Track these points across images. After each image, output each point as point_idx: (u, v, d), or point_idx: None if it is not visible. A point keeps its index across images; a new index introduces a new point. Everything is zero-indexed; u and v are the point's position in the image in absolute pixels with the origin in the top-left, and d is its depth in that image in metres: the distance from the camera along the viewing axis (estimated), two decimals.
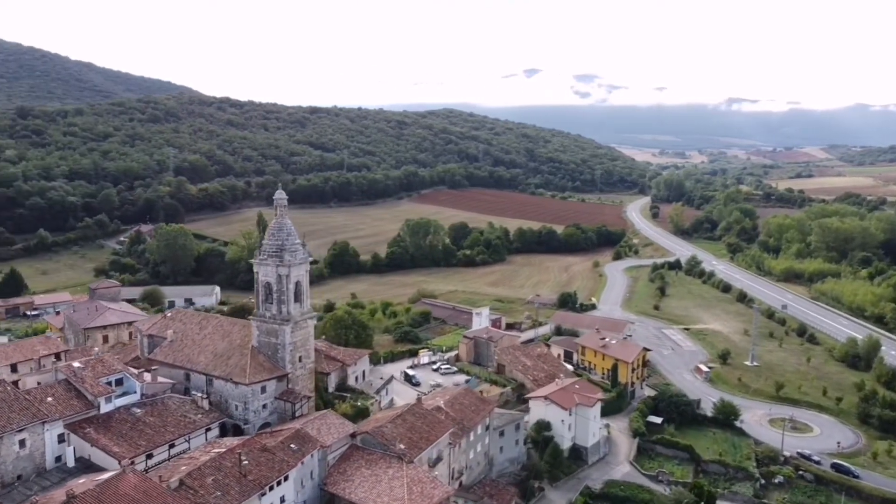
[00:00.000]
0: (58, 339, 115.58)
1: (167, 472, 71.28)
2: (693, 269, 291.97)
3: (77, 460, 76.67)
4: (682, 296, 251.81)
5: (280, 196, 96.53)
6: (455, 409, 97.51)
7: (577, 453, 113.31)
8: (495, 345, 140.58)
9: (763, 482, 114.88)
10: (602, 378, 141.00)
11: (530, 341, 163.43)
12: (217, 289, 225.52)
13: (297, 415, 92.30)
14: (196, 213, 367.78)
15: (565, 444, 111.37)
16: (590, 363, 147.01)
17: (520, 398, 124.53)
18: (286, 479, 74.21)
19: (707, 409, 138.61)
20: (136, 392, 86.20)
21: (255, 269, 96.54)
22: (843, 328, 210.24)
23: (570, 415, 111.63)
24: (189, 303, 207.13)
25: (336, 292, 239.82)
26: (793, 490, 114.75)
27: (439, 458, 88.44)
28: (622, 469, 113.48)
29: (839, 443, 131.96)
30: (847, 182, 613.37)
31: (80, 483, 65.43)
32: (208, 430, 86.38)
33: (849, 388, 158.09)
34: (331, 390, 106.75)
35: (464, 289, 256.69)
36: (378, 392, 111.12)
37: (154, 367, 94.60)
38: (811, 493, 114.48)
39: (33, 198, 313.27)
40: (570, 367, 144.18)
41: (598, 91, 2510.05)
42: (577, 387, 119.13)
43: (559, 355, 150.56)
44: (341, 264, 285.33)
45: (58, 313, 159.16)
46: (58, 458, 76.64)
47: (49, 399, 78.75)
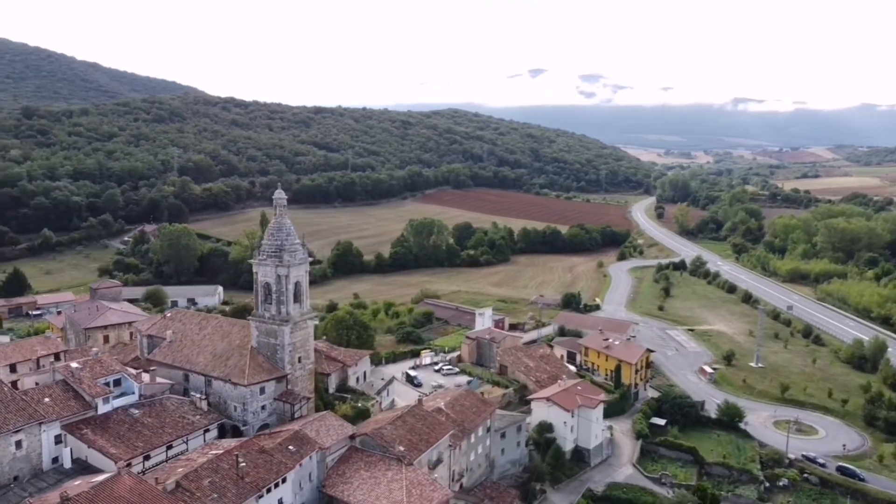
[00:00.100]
0: (57, 340, 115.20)
1: (164, 474, 70.77)
2: (698, 269, 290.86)
3: (74, 461, 76.07)
4: (686, 296, 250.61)
5: (279, 196, 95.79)
6: (456, 410, 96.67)
7: (580, 455, 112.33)
8: (497, 346, 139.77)
9: (767, 485, 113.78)
10: (605, 379, 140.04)
11: (533, 342, 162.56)
12: (220, 289, 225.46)
13: (296, 416, 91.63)
14: (200, 213, 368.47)
15: (567, 446, 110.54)
16: (593, 364, 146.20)
17: (522, 399, 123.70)
18: (284, 481, 73.49)
19: (711, 410, 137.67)
20: (134, 393, 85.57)
21: (254, 270, 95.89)
22: (849, 329, 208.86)
23: (573, 416, 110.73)
24: (192, 303, 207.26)
25: (339, 292, 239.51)
26: (797, 493, 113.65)
27: (439, 461, 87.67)
28: (625, 471, 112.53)
29: (845, 445, 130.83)
30: (853, 182, 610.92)
31: (75, 485, 64.90)
32: (207, 431, 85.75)
33: (855, 389, 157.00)
34: (331, 391, 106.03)
35: (467, 289, 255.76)
36: (379, 393, 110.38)
37: (153, 368, 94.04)
38: (816, 496, 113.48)
39: (38, 197, 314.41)
40: (573, 368, 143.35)
41: (603, 91, 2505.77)
42: (579, 388, 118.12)
43: (562, 356, 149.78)
44: (345, 264, 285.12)
45: (59, 313, 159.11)
46: (55, 460, 75.98)
47: (46, 400, 78.25)
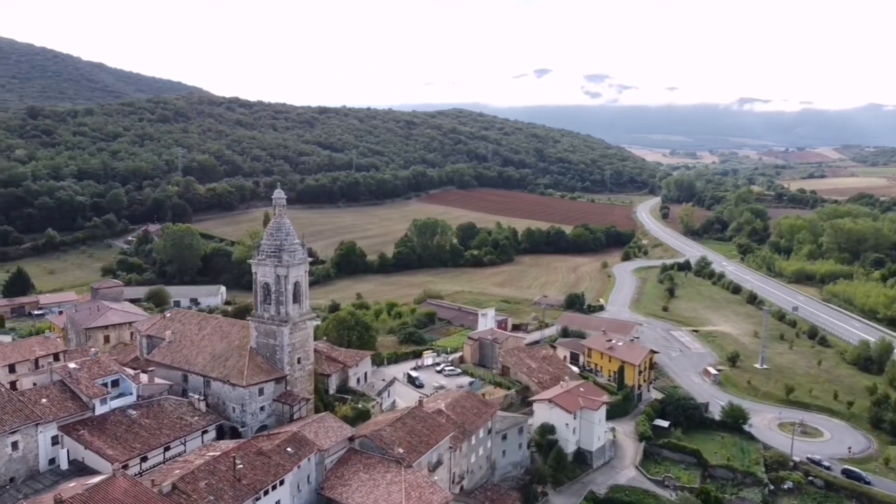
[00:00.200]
0: (57, 340, 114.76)
1: (160, 475, 70.12)
2: (703, 270, 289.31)
3: (71, 463, 75.48)
4: (691, 297, 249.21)
5: (278, 195, 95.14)
6: (456, 412, 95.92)
7: (582, 457, 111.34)
8: (500, 346, 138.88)
9: (772, 488, 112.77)
10: (608, 380, 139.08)
11: (536, 343, 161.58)
12: (223, 288, 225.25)
13: (295, 417, 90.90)
14: (204, 212, 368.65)
15: (569, 448, 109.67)
16: (596, 365, 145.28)
17: (524, 401, 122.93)
18: (282, 483, 72.76)
19: (715, 412, 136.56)
20: (132, 394, 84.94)
21: (253, 270, 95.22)
22: (855, 330, 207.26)
23: (575, 418, 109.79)
24: (195, 303, 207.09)
25: (342, 292, 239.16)
26: (802, 496, 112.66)
27: (439, 463, 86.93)
28: (627, 473, 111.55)
29: (850, 448, 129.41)
30: (860, 182, 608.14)
31: (70, 487, 64.27)
32: (205, 432, 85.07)
33: (860, 391, 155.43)
34: (331, 392, 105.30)
35: (471, 289, 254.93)
36: (380, 394, 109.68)
37: (151, 369, 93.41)
38: (821, 499, 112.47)
39: (42, 197, 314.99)
40: (575, 369, 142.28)
41: (608, 91, 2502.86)
42: (582, 389, 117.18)
43: (565, 357, 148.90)
44: (348, 264, 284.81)
45: (60, 313, 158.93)
46: (51, 461, 75.38)
47: (43, 400, 77.66)
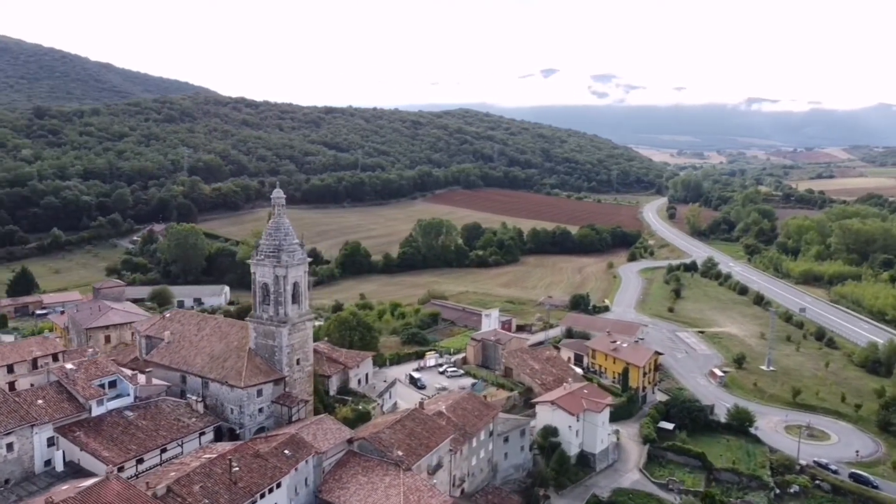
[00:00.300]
0: (56, 340, 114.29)
1: (155, 478, 69.26)
2: (709, 270, 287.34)
3: (66, 464, 74.75)
4: (697, 298, 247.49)
5: (277, 195, 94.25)
6: (457, 414, 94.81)
7: (585, 460, 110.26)
8: (503, 347, 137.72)
9: (778, 492, 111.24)
10: (612, 382, 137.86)
11: (540, 344, 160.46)
12: (226, 288, 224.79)
13: (293, 419, 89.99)
14: (209, 212, 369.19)
15: (572, 451, 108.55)
16: (600, 367, 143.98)
17: (527, 402, 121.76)
18: (279, 486, 71.93)
19: (721, 415, 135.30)
20: (129, 395, 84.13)
21: (252, 270, 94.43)
22: (863, 332, 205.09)
23: (578, 420, 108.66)
24: (198, 302, 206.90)
25: (346, 293, 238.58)
26: (809, 500, 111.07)
27: (439, 465, 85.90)
28: (631, 477, 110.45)
29: (858, 451, 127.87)
30: (869, 183, 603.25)
31: (62, 490, 63.47)
32: (202, 434, 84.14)
33: (868, 394, 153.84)
34: (332, 393, 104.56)
35: (475, 290, 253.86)
36: (381, 395, 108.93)
37: (149, 370, 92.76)
38: (828, 503, 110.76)
39: (48, 197, 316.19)
40: (579, 370, 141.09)
41: (615, 91, 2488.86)
42: (585, 391, 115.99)
43: (569, 358, 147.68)
44: (353, 264, 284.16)
45: (62, 313, 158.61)
46: (47, 462, 74.64)
47: (40, 401, 76.96)
